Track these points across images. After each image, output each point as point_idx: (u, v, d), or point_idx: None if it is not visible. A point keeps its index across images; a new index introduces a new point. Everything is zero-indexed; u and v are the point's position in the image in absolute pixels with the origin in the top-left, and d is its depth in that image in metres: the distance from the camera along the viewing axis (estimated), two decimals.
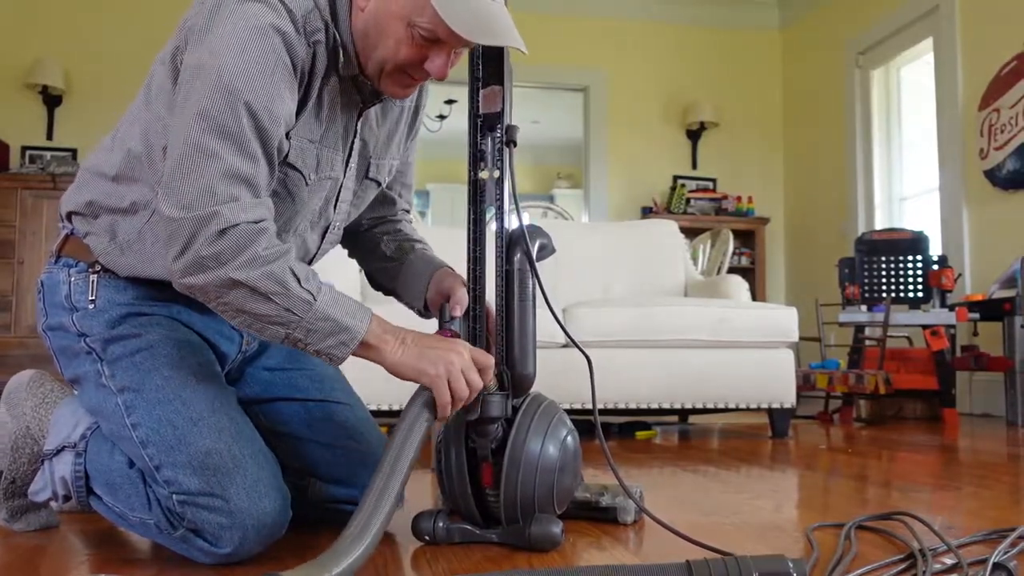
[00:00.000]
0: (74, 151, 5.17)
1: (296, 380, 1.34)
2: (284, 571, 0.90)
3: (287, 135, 1.11)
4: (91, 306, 1.16)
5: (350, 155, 1.23)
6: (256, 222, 1.01)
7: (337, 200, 1.26)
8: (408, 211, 1.49)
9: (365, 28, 1.12)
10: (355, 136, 1.22)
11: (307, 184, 1.17)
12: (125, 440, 1.12)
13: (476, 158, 1.23)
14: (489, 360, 1.13)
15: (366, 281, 1.46)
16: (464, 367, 1.08)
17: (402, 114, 1.33)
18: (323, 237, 1.29)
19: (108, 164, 1.19)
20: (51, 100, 5.20)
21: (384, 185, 1.35)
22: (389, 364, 1.09)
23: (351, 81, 1.18)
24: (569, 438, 1.22)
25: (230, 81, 1.01)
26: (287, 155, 1.13)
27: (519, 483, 1.16)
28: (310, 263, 1.30)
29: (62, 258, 1.21)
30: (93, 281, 1.17)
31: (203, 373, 1.15)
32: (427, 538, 1.20)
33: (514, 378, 1.19)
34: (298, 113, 1.12)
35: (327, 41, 1.12)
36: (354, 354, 1.07)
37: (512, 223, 1.21)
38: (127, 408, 1.11)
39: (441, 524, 1.19)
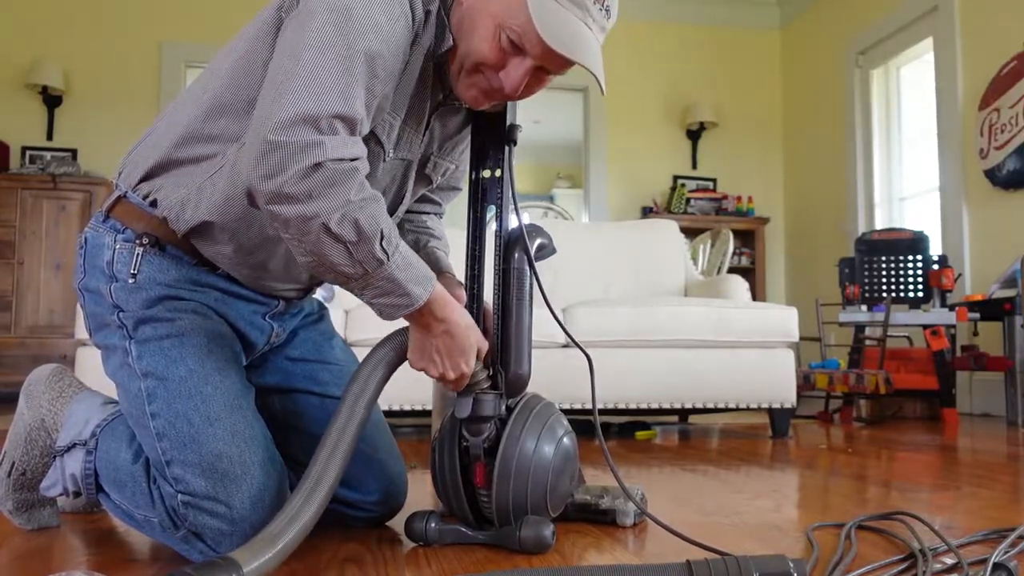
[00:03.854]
0: (74, 151, 5.17)
1: (317, 373, 1.34)
2: (236, 551, 0.92)
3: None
4: (131, 280, 1.15)
5: (422, 141, 1.22)
6: (352, 159, 0.98)
7: (404, 186, 1.25)
8: (441, 213, 1.49)
9: (460, 20, 1.12)
10: (428, 125, 1.22)
11: (384, 160, 1.17)
12: (141, 427, 1.12)
13: (479, 157, 1.24)
14: (486, 347, 1.17)
15: None
16: (462, 375, 1.13)
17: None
18: None
19: (182, 123, 1.15)
20: (51, 100, 5.20)
21: (435, 185, 1.34)
22: (412, 332, 1.13)
23: (439, 71, 1.17)
24: (565, 439, 1.22)
25: (355, 22, 0.99)
26: (375, 126, 1.12)
27: (511, 483, 1.16)
28: None
29: (110, 219, 1.19)
30: (138, 254, 1.15)
31: (227, 369, 1.15)
32: (419, 540, 1.20)
33: (508, 378, 1.19)
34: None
35: (436, 15, 1.11)
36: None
37: (512, 222, 1.21)
38: (148, 395, 1.11)
39: (433, 525, 1.19)
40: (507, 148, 1.22)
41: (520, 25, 1.07)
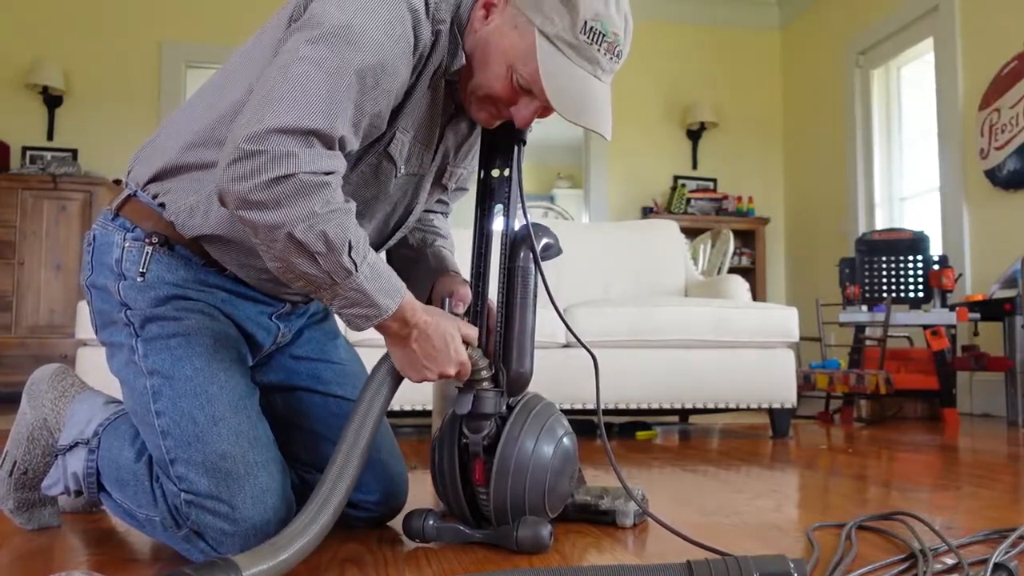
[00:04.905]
0: (74, 151, 5.18)
1: (321, 372, 1.34)
2: (238, 555, 0.92)
3: (392, 122, 1.10)
4: (140, 279, 1.15)
5: (435, 156, 1.23)
6: (323, 173, 0.98)
7: (416, 198, 1.26)
8: (448, 212, 1.50)
9: (473, 47, 1.12)
10: (441, 140, 1.22)
11: (396, 177, 1.17)
12: (146, 424, 1.12)
13: (488, 156, 1.24)
14: (473, 332, 1.16)
15: None
16: (460, 363, 1.13)
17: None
18: (396, 230, 1.29)
19: (194, 127, 1.16)
20: (51, 100, 5.20)
21: (449, 191, 1.35)
22: (389, 350, 1.13)
23: (450, 87, 1.17)
24: (565, 439, 1.22)
25: (352, 38, 0.99)
26: (388, 144, 1.12)
27: (509, 481, 1.16)
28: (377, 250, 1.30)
29: (120, 218, 1.19)
30: (147, 253, 1.16)
31: (232, 369, 1.15)
32: (416, 538, 1.20)
33: (510, 376, 1.19)
34: (406, 99, 1.11)
35: (449, 34, 1.11)
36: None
37: (518, 221, 1.21)
38: (154, 393, 1.11)
39: (431, 523, 1.19)
40: (516, 148, 1.22)
41: (530, 73, 1.08)
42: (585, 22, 1.06)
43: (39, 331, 4.63)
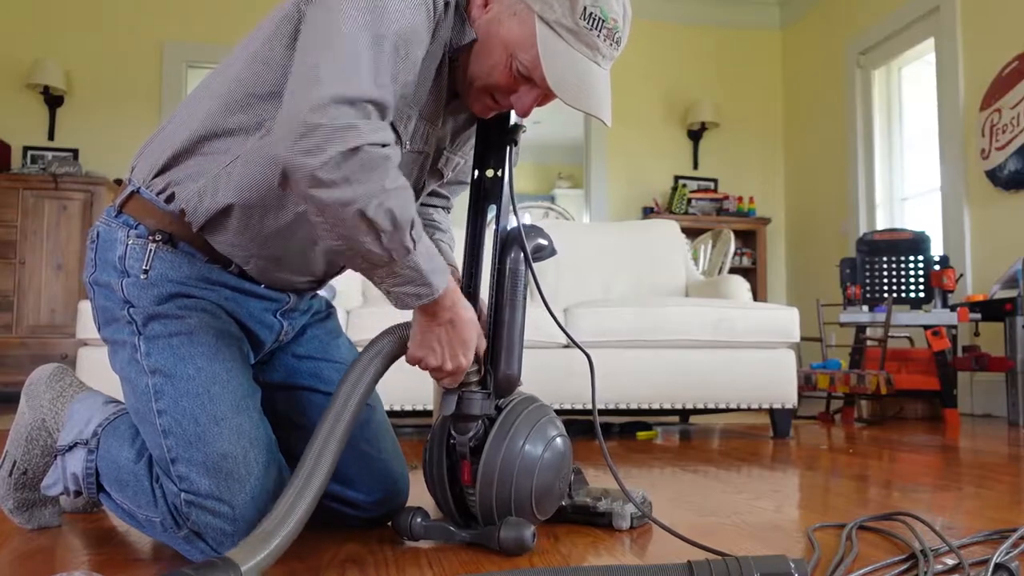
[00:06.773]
0: (75, 151, 5.18)
1: (322, 371, 1.34)
2: (231, 550, 0.93)
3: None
4: (143, 276, 1.15)
5: (438, 135, 1.22)
6: (384, 145, 0.97)
7: (419, 180, 1.25)
8: (449, 207, 1.50)
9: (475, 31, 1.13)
10: (443, 120, 1.22)
11: (401, 152, 1.16)
12: (147, 423, 1.12)
13: (481, 156, 1.24)
14: (483, 345, 1.17)
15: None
16: (459, 368, 1.13)
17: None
18: None
19: (198, 116, 1.15)
20: (52, 100, 5.20)
21: (445, 180, 1.34)
22: (416, 320, 1.12)
23: (452, 66, 1.17)
24: (557, 440, 1.21)
25: (380, 10, 0.99)
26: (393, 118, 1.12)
27: (495, 481, 1.15)
28: None
29: (123, 214, 1.19)
30: (151, 251, 1.15)
31: (235, 369, 1.15)
32: (404, 536, 1.20)
33: (497, 378, 1.19)
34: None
35: (456, 8, 1.12)
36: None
37: (511, 222, 1.21)
38: (156, 392, 1.11)
39: (419, 520, 1.19)
40: (508, 148, 1.22)
41: (530, 60, 1.08)
42: (584, 8, 1.06)
43: (40, 331, 4.64)
